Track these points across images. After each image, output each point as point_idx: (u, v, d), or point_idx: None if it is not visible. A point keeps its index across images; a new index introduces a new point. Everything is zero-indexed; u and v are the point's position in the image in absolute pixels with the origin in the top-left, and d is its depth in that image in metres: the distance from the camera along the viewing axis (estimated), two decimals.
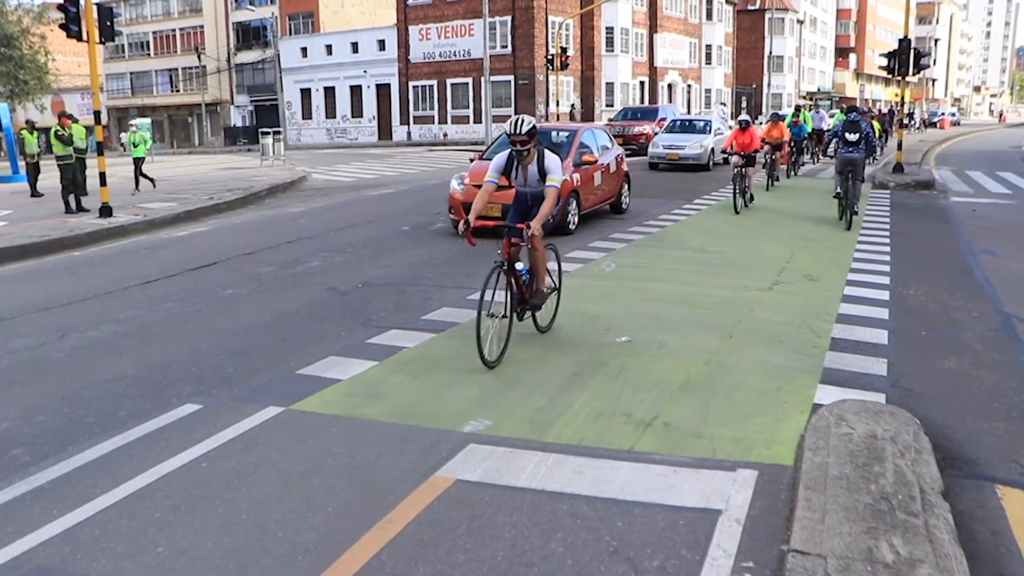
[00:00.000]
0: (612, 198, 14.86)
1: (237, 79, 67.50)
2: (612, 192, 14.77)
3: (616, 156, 15.00)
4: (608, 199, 14.65)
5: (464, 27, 50.13)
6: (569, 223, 12.66)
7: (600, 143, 14.75)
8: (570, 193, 12.52)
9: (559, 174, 6.58)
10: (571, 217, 12.77)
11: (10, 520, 4.14)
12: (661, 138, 26.34)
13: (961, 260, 10.97)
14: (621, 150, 15.56)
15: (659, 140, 26.20)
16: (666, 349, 6.74)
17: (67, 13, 15.38)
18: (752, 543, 3.74)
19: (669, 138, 25.95)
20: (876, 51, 77.45)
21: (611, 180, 14.58)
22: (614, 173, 14.76)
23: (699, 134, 25.77)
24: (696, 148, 24.87)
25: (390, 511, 4.10)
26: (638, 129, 32.83)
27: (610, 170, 14.51)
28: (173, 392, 5.97)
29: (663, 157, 25.21)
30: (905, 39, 22.77)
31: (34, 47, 42.29)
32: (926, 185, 20.58)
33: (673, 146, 25.21)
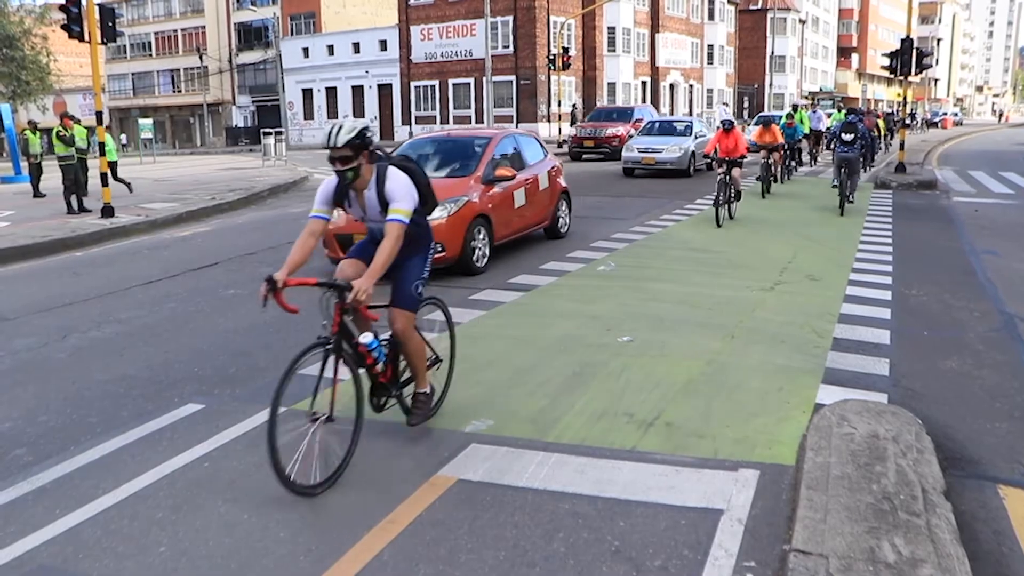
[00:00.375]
0: (545, 221, 12.10)
1: (239, 79, 67.56)
2: (543, 213, 12.00)
3: (550, 168, 12.29)
4: (538, 222, 11.89)
5: (466, 27, 50.13)
6: (477, 259, 9.94)
7: (526, 153, 12.01)
8: (476, 218, 9.92)
9: (406, 202, 4.58)
10: (480, 251, 10.03)
11: (12, 520, 4.15)
12: (636, 141, 24.05)
13: (963, 260, 10.96)
14: (556, 161, 12.82)
15: (633, 143, 23.84)
16: (668, 349, 6.74)
17: (69, 14, 15.40)
18: (754, 543, 3.74)
19: (645, 141, 23.67)
20: (878, 51, 77.35)
21: (541, 199, 11.86)
22: (545, 190, 11.96)
23: (679, 137, 23.62)
24: (675, 152, 22.71)
25: (392, 511, 4.10)
26: (611, 131, 30.50)
27: (539, 186, 11.70)
28: (175, 392, 5.97)
29: (638, 162, 23.03)
30: (907, 39, 22.74)
31: (36, 48, 42.34)
32: (928, 185, 20.56)
33: (649, 149, 22.98)
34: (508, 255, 11.11)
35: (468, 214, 9.78)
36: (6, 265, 11.96)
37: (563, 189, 12.72)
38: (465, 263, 9.76)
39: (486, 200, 10.27)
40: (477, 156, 10.87)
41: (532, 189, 11.52)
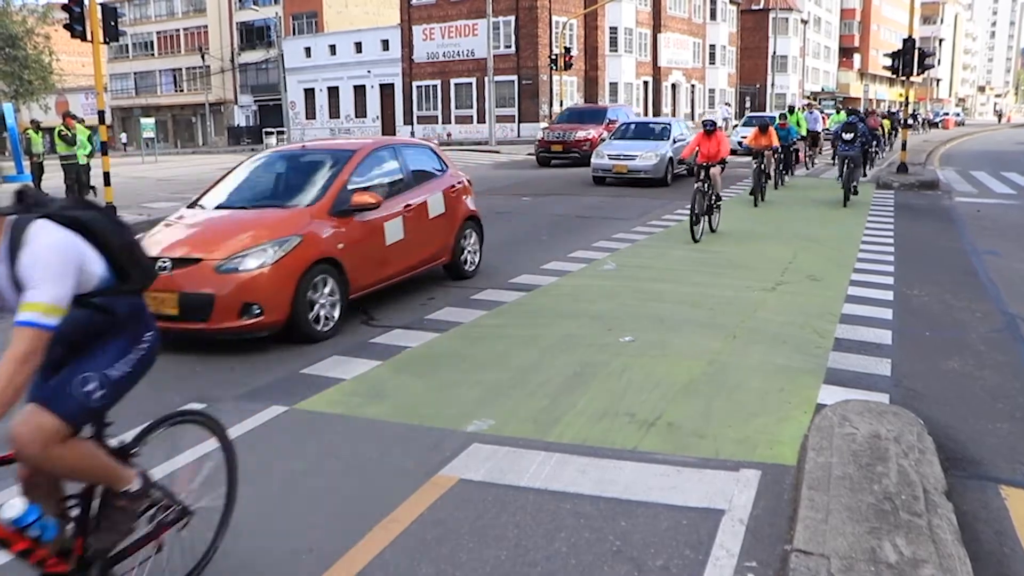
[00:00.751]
0: (441, 256, 9.26)
1: (241, 79, 67.59)
2: (437, 247, 9.12)
3: (449, 188, 9.45)
4: (429, 260, 9.03)
5: (468, 27, 50.14)
6: (319, 320, 7.24)
7: (410, 169, 9.07)
8: (316, 265, 7.23)
9: (47, 289, 2.60)
10: (324, 310, 7.30)
11: None
12: (607, 146, 21.65)
13: (965, 260, 10.96)
14: (463, 177, 10.01)
15: (604, 149, 21.36)
16: (669, 349, 6.74)
17: (71, 13, 15.41)
18: (755, 543, 3.75)
19: (617, 146, 21.29)
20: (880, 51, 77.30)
21: (434, 229, 9.01)
22: (440, 217, 9.12)
23: (655, 141, 21.14)
24: (650, 158, 20.29)
25: (393, 510, 4.10)
26: (582, 134, 27.32)
27: (428, 213, 8.88)
28: (177, 392, 5.98)
29: (608, 170, 20.68)
30: (909, 39, 22.73)
31: (38, 47, 42.35)
32: (930, 185, 20.55)
33: (621, 156, 20.61)
34: (509, 255, 11.11)
35: (302, 260, 7.10)
36: None
37: (469, 214, 9.83)
38: (298, 328, 7.03)
39: (335, 238, 7.50)
40: (327, 178, 8.04)
41: (416, 218, 8.69)
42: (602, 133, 26.67)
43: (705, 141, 13.10)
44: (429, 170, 9.51)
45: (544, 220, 14.56)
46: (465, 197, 9.91)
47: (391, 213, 8.32)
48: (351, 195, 7.85)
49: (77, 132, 18.55)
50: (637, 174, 20.27)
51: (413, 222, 8.62)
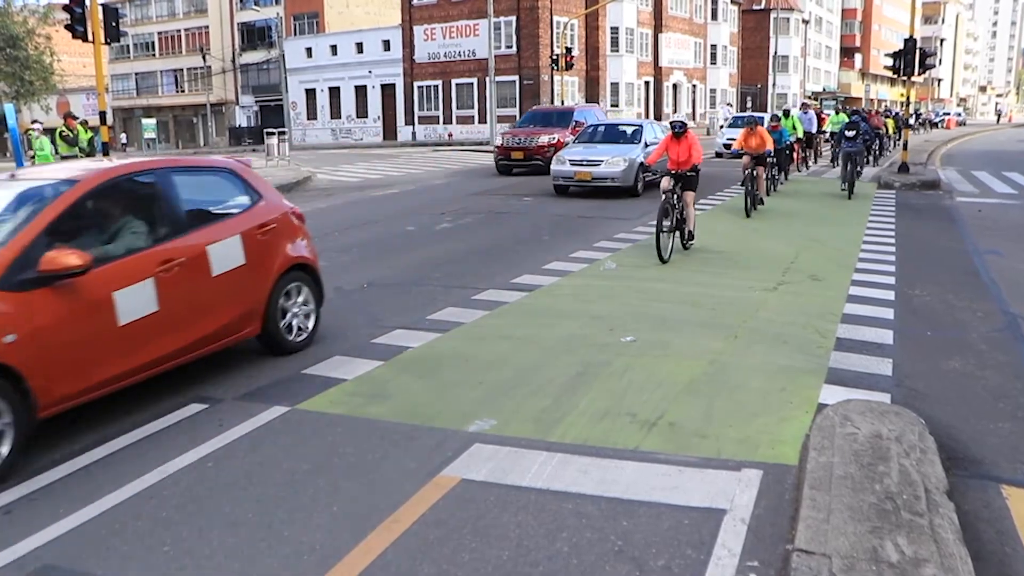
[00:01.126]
0: (242, 329, 6.49)
1: (242, 79, 67.61)
2: (232, 318, 6.34)
3: (253, 230, 6.59)
4: (225, 336, 6.33)
5: (469, 27, 50.15)
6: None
7: (177, 207, 6.16)
8: None
9: None
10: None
11: (17, 519, 4.17)
12: (569, 151, 19.03)
13: (966, 260, 10.96)
14: (284, 210, 7.08)
15: (566, 154, 18.77)
16: (671, 349, 6.74)
17: (72, 14, 15.45)
18: (757, 542, 3.75)
19: (580, 151, 18.71)
20: (881, 51, 77.29)
21: (219, 293, 6.22)
22: (235, 272, 6.34)
23: (624, 145, 18.68)
24: (617, 164, 17.63)
25: (395, 510, 4.11)
26: (545, 139, 23.94)
27: (207, 270, 6.12)
28: (179, 392, 5.98)
29: (570, 177, 18.13)
30: (911, 39, 22.72)
31: (39, 48, 42.43)
32: (931, 185, 20.54)
33: (585, 161, 18.04)
34: (510, 255, 11.12)
35: None
36: None
37: (294, 262, 6.97)
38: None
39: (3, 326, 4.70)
40: (8, 231, 5.16)
41: (185, 277, 5.92)
42: (568, 137, 23.31)
43: (674, 145, 11.42)
44: (219, 206, 6.68)
45: (545, 220, 14.56)
46: (290, 240, 6.99)
47: (128, 276, 5.50)
48: (44, 253, 4.95)
49: (79, 132, 18.58)
50: (603, 182, 17.82)
51: (178, 284, 5.81)
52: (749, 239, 12.49)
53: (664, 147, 11.63)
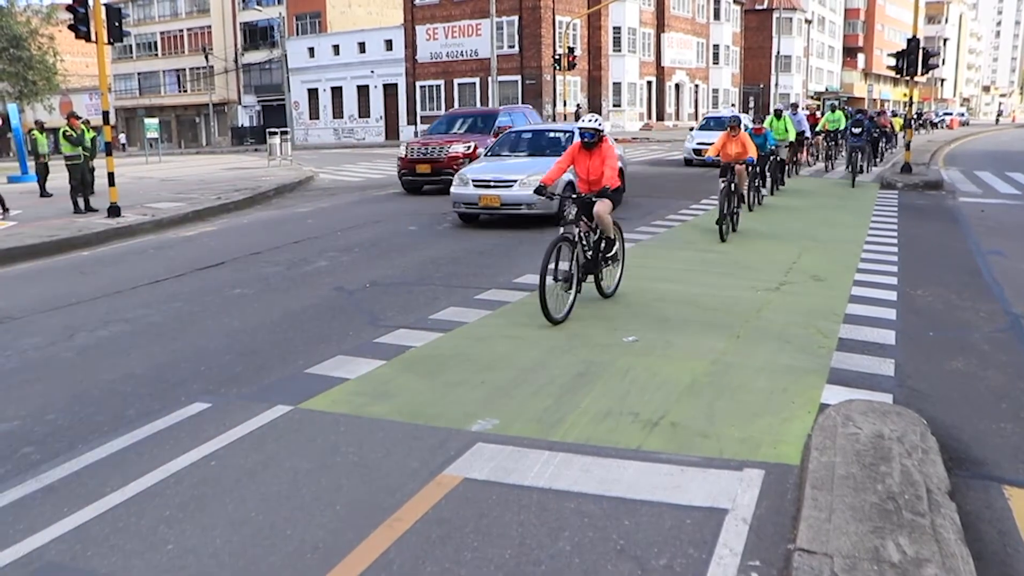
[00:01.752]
0: None
1: (244, 79, 67.69)
2: None
3: None
4: None
5: (471, 27, 50.19)
6: None
7: None
8: None
9: None
10: None
11: (21, 517, 4.18)
12: (474, 168, 14.62)
13: (969, 260, 10.95)
14: None
15: (469, 172, 14.25)
16: (673, 349, 6.75)
17: (75, 14, 15.45)
18: (759, 542, 3.75)
19: (490, 167, 14.28)
20: (884, 51, 77.31)
21: None
22: None
23: (551, 158, 13.36)
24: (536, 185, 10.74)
25: (398, 509, 4.12)
26: (460, 148, 19.30)
27: None
28: (182, 391, 6.00)
29: (473, 202, 13.68)
30: (914, 39, 22.70)
31: (43, 48, 42.42)
32: (934, 185, 20.52)
33: (493, 182, 13.55)
34: (512, 254, 11.12)
35: None
36: (13, 264, 12.01)
37: None
38: None
39: None
40: None
41: None
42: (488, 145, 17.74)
43: (583, 159, 8.43)
44: None
45: (547, 220, 14.53)
46: None
47: None
48: None
49: (84, 132, 18.59)
50: (516, 209, 13.33)
51: None
52: (751, 239, 12.48)
53: (569, 161, 8.44)
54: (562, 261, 7.57)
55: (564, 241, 7.56)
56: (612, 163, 8.26)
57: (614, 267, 8.66)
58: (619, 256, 8.68)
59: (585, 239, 7.96)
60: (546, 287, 7.26)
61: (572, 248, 7.68)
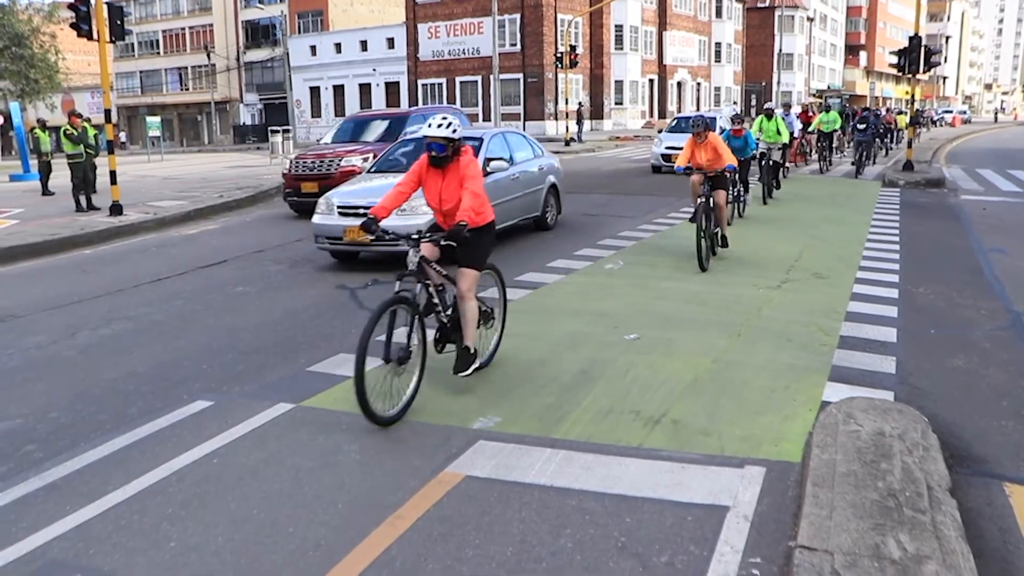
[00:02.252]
0: None
1: (246, 77, 67.70)
2: None
3: None
4: None
5: (473, 25, 50.18)
6: None
7: None
8: None
9: None
10: None
11: (24, 515, 4.19)
12: (342, 192, 11.10)
13: (971, 258, 10.94)
14: None
15: (335, 195, 10.85)
16: (675, 347, 6.75)
17: (77, 12, 15.45)
18: (760, 539, 3.76)
19: (363, 190, 10.92)
20: (887, 48, 77.22)
21: None
22: None
23: None
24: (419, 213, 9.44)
25: (400, 507, 4.13)
26: (355, 161, 15.41)
27: None
28: (184, 389, 6.01)
29: (337, 237, 10.36)
30: (916, 36, 22.67)
31: (44, 46, 42.47)
32: (936, 183, 20.49)
33: (364, 208, 10.02)
34: (514, 254, 11.12)
35: None
36: (16, 263, 12.03)
37: None
38: None
39: None
40: None
41: None
42: None
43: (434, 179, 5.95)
44: None
45: None
46: None
47: None
48: None
49: (87, 130, 18.61)
50: (395, 244, 9.01)
51: None
52: (753, 237, 12.47)
53: (414, 183, 5.95)
54: (395, 337, 5.25)
55: (399, 304, 5.27)
56: (475, 186, 5.68)
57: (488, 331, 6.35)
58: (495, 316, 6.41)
59: (438, 298, 5.75)
60: (364, 375, 4.92)
61: (412, 314, 5.37)
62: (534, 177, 12.77)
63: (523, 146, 13.15)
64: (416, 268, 5.52)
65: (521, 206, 12.21)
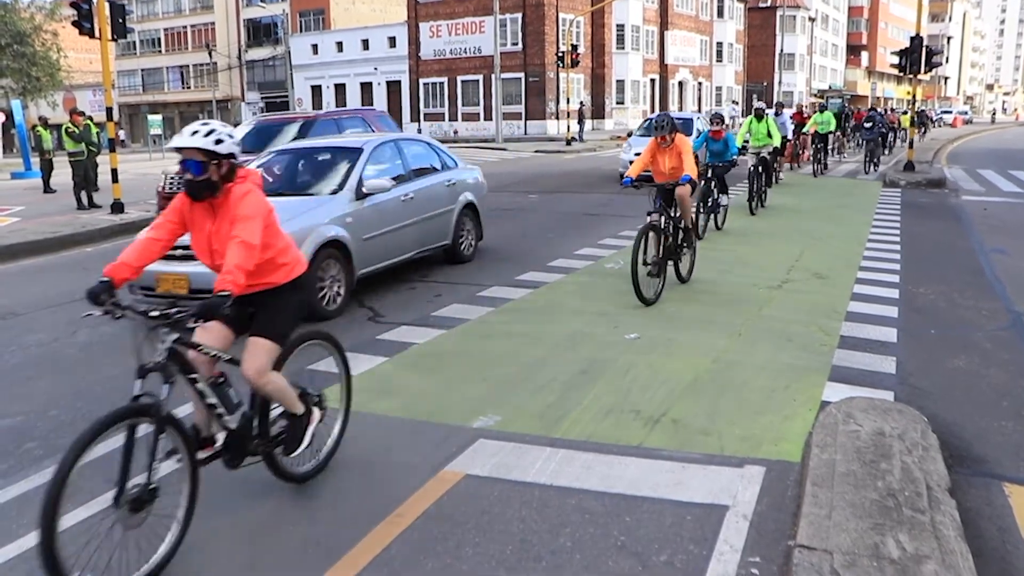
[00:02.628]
0: None
1: (248, 76, 67.72)
2: None
3: None
4: None
5: (475, 24, 50.17)
6: None
7: None
8: None
9: None
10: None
11: (25, 512, 4.19)
12: None
13: (972, 258, 10.94)
14: None
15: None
16: (675, 347, 6.76)
17: (79, 10, 15.46)
18: (759, 538, 3.77)
19: None
20: (888, 49, 77.21)
21: None
22: None
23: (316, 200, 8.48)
24: None
25: (400, 505, 4.13)
26: None
27: None
28: (185, 387, 5.99)
29: (148, 286, 7.45)
30: (917, 37, 22.67)
31: (46, 44, 42.49)
32: (937, 183, 20.49)
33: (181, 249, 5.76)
34: (516, 253, 11.13)
35: None
36: (17, 261, 12.04)
37: None
38: None
39: None
40: None
41: None
42: None
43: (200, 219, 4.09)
44: None
45: (551, 218, 14.56)
46: None
47: None
48: None
49: (90, 127, 18.63)
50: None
51: None
52: (754, 237, 12.48)
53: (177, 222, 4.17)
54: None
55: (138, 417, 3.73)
56: (248, 232, 3.81)
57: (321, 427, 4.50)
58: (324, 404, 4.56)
59: (217, 397, 4.17)
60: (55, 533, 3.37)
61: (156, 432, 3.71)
62: (440, 196, 10.02)
63: (425, 158, 10.41)
64: (165, 359, 3.82)
65: (417, 235, 9.47)
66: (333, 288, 7.95)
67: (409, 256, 9.42)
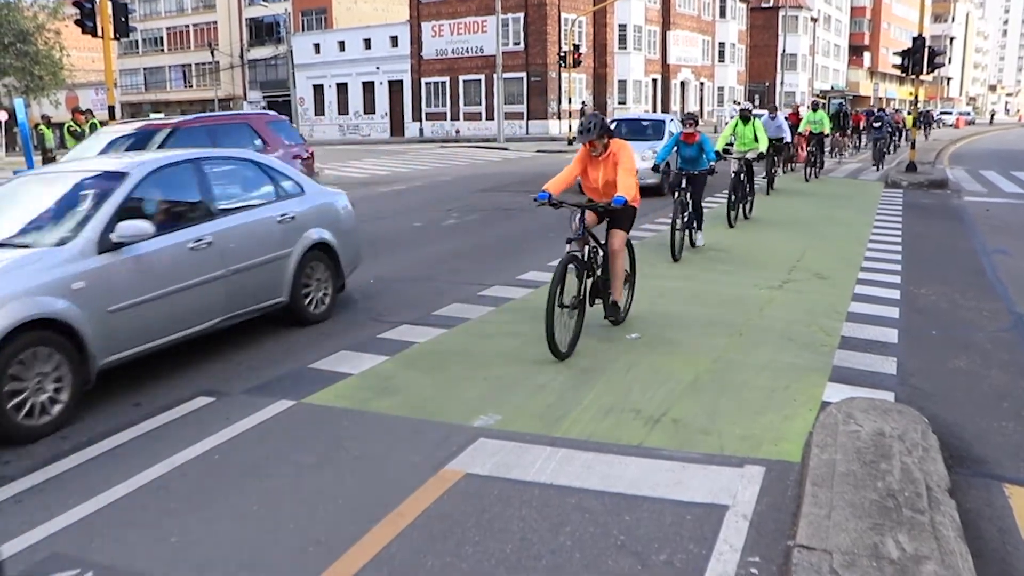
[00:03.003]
0: None
1: (250, 75, 67.74)
2: None
3: None
4: None
5: (477, 24, 50.14)
6: None
7: None
8: None
9: None
10: None
11: (27, 508, 4.21)
12: None
13: (973, 259, 10.94)
14: None
15: None
16: (675, 346, 6.76)
17: (82, 9, 15.51)
18: (759, 538, 3.77)
19: None
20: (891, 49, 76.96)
21: None
22: None
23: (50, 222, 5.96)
24: None
25: (400, 504, 4.14)
26: None
27: None
28: (186, 385, 6.02)
29: None
30: (920, 37, 22.65)
31: (49, 43, 42.56)
32: (939, 184, 20.48)
33: None
34: (516, 252, 11.13)
35: None
36: None
37: None
38: None
39: None
40: None
41: None
42: None
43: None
44: None
45: (552, 217, 14.50)
46: None
47: None
48: None
49: (95, 125, 18.66)
50: None
51: None
52: (755, 237, 12.47)
53: None
54: None
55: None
56: None
57: None
58: None
59: None
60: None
61: None
62: (266, 237, 7.19)
63: (249, 183, 7.56)
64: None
65: (224, 294, 6.69)
66: (39, 397, 5.18)
67: (211, 324, 6.63)
